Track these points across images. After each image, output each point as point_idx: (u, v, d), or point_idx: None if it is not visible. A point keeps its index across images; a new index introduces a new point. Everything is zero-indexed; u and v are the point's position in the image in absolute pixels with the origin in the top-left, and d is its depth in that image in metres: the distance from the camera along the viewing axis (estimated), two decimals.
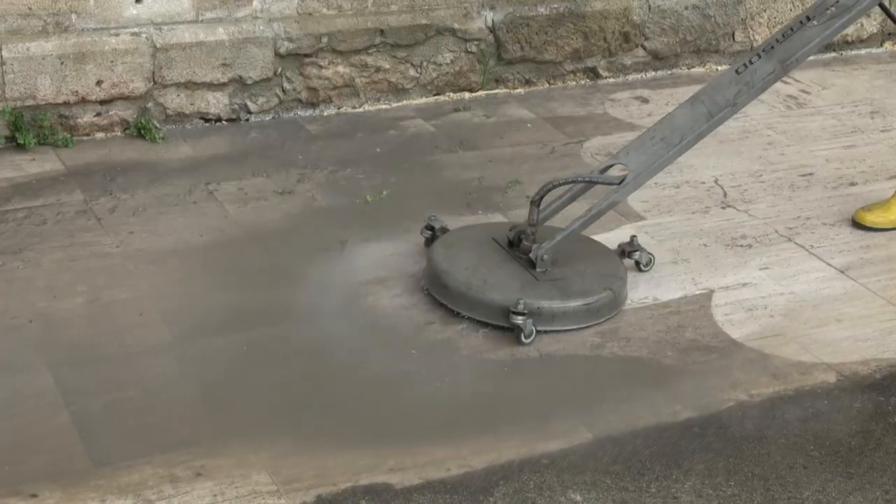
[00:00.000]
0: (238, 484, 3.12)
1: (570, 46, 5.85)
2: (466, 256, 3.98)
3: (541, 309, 3.79)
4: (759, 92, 3.98)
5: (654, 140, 3.99)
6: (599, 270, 3.99)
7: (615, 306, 3.94)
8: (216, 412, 3.39)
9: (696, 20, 6.10)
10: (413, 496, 3.12)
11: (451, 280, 3.89)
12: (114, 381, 3.48)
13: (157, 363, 3.58)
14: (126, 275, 4.03)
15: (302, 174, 4.82)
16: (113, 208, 4.45)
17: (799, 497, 3.19)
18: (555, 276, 3.92)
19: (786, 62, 3.93)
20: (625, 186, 3.96)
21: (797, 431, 3.45)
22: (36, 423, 3.29)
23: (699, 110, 3.98)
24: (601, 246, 4.18)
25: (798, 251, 4.43)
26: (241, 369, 3.57)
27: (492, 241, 4.08)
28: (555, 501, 3.13)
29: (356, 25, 5.37)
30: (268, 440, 3.28)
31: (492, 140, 5.26)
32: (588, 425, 3.43)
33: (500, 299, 3.79)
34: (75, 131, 4.98)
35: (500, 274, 3.91)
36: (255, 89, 5.25)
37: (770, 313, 4.03)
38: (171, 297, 3.91)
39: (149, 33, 5.02)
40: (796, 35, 3.94)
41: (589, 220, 3.98)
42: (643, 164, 3.96)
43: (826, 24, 3.94)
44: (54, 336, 3.68)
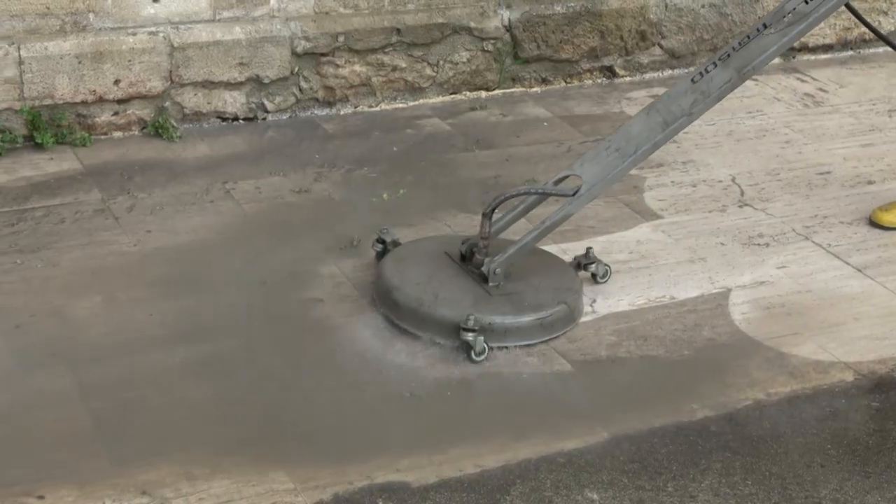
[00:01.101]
0: (255, 482, 3.12)
1: (587, 45, 5.84)
2: (418, 271, 3.88)
3: (492, 324, 3.69)
4: (715, 101, 3.90)
5: (610, 150, 3.90)
6: (554, 284, 3.90)
7: (570, 320, 3.84)
8: (230, 410, 3.40)
9: (713, 18, 6.09)
10: (430, 494, 3.12)
11: (401, 296, 3.78)
12: (130, 379, 3.49)
13: (173, 362, 3.59)
14: (143, 273, 4.04)
15: (319, 173, 4.83)
16: (130, 207, 4.47)
17: (816, 496, 3.18)
18: (508, 290, 3.82)
19: (742, 70, 3.84)
20: (578, 198, 3.86)
21: (815, 430, 3.45)
22: (53, 421, 3.30)
23: (655, 120, 3.90)
24: (556, 259, 4.09)
25: (815, 250, 4.42)
26: (253, 368, 3.58)
27: (444, 254, 3.98)
28: (571, 500, 3.13)
29: (373, 24, 5.37)
30: (283, 438, 3.29)
31: (508, 139, 5.25)
32: (605, 424, 3.43)
33: (451, 315, 3.68)
34: (93, 130, 4.99)
35: (453, 289, 3.81)
36: (272, 88, 5.26)
37: (787, 312, 4.02)
38: (187, 295, 3.92)
39: (166, 32, 5.04)
40: (753, 43, 3.86)
41: (542, 232, 3.88)
42: (597, 176, 3.87)
43: (783, 32, 3.85)
44: (72, 334, 3.69)
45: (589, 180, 3.87)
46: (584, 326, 3.89)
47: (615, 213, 4.61)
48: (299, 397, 3.47)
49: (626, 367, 3.71)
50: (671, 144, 5.19)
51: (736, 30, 6.14)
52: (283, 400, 3.45)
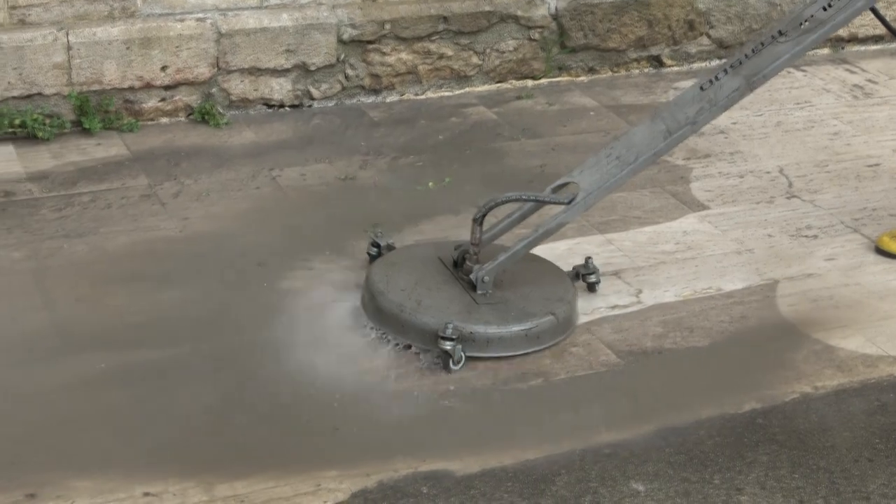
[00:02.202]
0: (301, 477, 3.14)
1: (634, 34, 5.81)
2: (406, 277, 3.77)
3: (473, 334, 3.57)
4: (722, 109, 3.78)
5: (610, 158, 3.79)
6: (545, 294, 3.77)
7: (559, 332, 3.71)
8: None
9: (763, 8, 6.04)
10: (473, 483, 3.12)
11: (384, 301, 3.67)
12: (189, 370, 3.51)
13: (228, 347, 3.60)
14: (189, 259, 4.05)
15: (364, 161, 4.82)
16: (176, 193, 4.48)
17: (864, 490, 3.16)
18: (496, 298, 3.71)
19: (752, 78, 3.73)
20: (574, 206, 3.74)
21: (862, 424, 3.42)
22: (90, 404, 3.32)
23: (658, 128, 3.78)
24: (553, 268, 3.94)
25: (864, 242, 4.38)
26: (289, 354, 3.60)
27: (437, 260, 3.88)
28: (617, 491, 3.12)
29: (419, 12, 5.36)
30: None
31: (554, 128, 5.24)
32: (650, 415, 3.41)
33: (431, 323, 3.57)
34: (140, 116, 5.01)
35: (438, 296, 3.69)
36: (318, 75, 5.26)
37: (835, 305, 3.99)
38: (234, 282, 3.93)
39: (214, 19, 5.05)
40: (766, 50, 3.75)
41: (535, 240, 3.76)
42: (595, 184, 3.75)
43: (797, 40, 3.74)
44: (117, 320, 3.71)
45: (586, 188, 3.76)
46: (630, 317, 3.87)
47: (662, 203, 4.58)
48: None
49: (672, 359, 3.69)
50: (718, 135, 5.16)
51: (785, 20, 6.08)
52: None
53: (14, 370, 3.45)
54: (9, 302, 3.76)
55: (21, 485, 3.02)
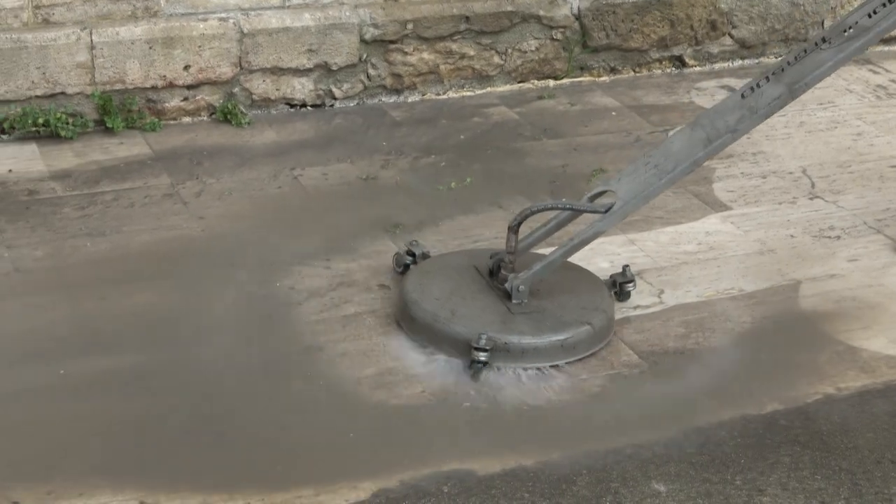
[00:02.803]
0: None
1: (657, 34, 5.80)
2: (440, 286, 3.73)
3: (508, 344, 3.53)
4: (763, 118, 3.69)
5: (648, 167, 3.71)
6: (581, 303, 3.72)
7: (595, 342, 3.65)
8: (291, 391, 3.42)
9: (785, 8, 6.02)
10: (495, 482, 3.12)
11: (418, 311, 3.64)
12: (208, 367, 3.52)
13: (247, 346, 3.61)
14: (212, 258, 4.06)
15: (386, 160, 4.83)
16: (199, 192, 4.49)
17: (887, 492, 3.14)
18: (532, 308, 3.65)
19: (794, 86, 3.62)
20: (611, 215, 3.67)
21: (886, 426, 3.40)
22: (116, 404, 3.34)
23: (698, 136, 3.69)
24: (590, 275, 3.89)
25: (887, 243, 4.36)
26: (305, 351, 3.60)
27: (473, 269, 3.82)
28: (638, 492, 3.11)
29: (441, 12, 5.36)
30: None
31: (576, 128, 5.23)
32: (672, 416, 3.40)
33: (465, 333, 3.53)
34: (162, 115, 5.03)
35: (473, 306, 3.65)
36: (340, 75, 5.27)
37: (858, 305, 3.97)
38: (258, 280, 3.93)
39: (236, 18, 5.06)
40: (808, 58, 3.64)
41: (571, 249, 3.70)
42: (632, 192, 3.68)
43: (840, 47, 3.62)
44: (140, 318, 3.72)
45: (623, 196, 3.69)
46: (652, 318, 3.87)
47: (684, 203, 4.57)
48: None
49: (694, 359, 3.67)
50: (742, 137, 5.13)
51: (808, 20, 6.07)
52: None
53: (25, 368, 3.47)
54: (30, 300, 3.78)
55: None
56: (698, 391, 3.51)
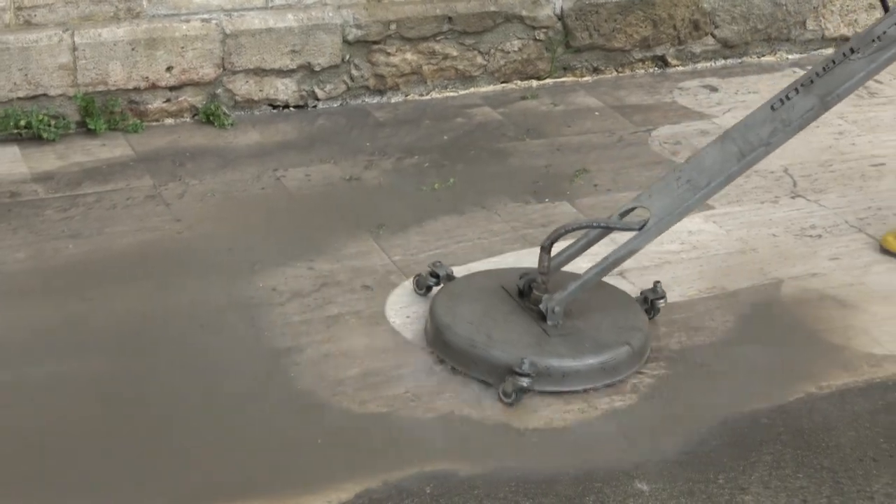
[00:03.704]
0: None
1: (639, 34, 5.81)
2: (471, 308, 3.63)
3: (549, 368, 3.44)
4: (796, 130, 3.62)
5: (680, 182, 3.64)
6: (617, 322, 3.64)
7: (634, 362, 3.58)
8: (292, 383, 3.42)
9: (767, 8, 6.04)
10: (477, 483, 3.12)
11: (452, 336, 3.54)
12: (191, 369, 3.52)
13: (230, 347, 3.61)
14: (194, 260, 4.05)
15: (369, 161, 4.83)
16: (181, 194, 4.49)
17: (868, 490, 3.15)
18: (567, 329, 3.56)
19: (826, 98, 3.57)
20: (646, 232, 3.59)
21: (867, 424, 3.41)
22: (74, 408, 3.33)
23: (730, 150, 3.63)
24: (621, 293, 3.83)
25: (869, 242, 4.37)
26: (293, 351, 3.60)
27: (501, 289, 3.73)
28: (621, 491, 3.12)
29: (424, 12, 5.37)
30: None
31: (559, 128, 5.24)
32: (654, 415, 3.41)
33: (504, 358, 3.44)
34: (145, 117, 5.02)
35: (507, 328, 3.56)
36: (323, 76, 5.27)
37: (840, 304, 3.98)
38: (241, 281, 3.93)
39: (219, 19, 5.05)
40: (838, 68, 3.59)
41: (606, 268, 3.62)
42: (666, 209, 3.60)
43: (871, 57, 3.57)
44: (124, 319, 3.71)
45: (657, 213, 3.61)
46: None
47: None
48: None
49: (677, 358, 3.68)
50: None
51: (790, 20, 6.09)
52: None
53: (8, 371, 3.46)
54: (11, 302, 3.77)
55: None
56: (680, 390, 3.52)
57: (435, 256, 4.12)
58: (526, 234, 4.31)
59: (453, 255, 4.15)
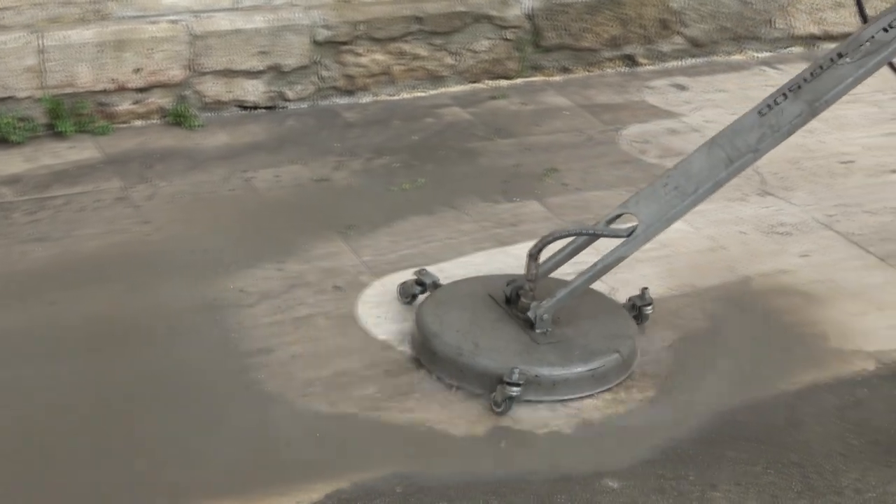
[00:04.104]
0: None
1: (608, 34, 5.82)
2: (459, 316, 3.59)
3: (539, 377, 3.40)
4: (784, 136, 3.58)
5: (668, 188, 3.61)
6: (606, 330, 3.61)
7: (623, 370, 3.55)
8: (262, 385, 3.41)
9: (735, 7, 6.06)
10: (449, 482, 3.11)
11: (440, 344, 3.50)
12: (161, 371, 3.51)
13: (199, 349, 3.60)
14: (163, 262, 4.04)
15: (339, 162, 4.82)
16: (150, 195, 4.47)
17: (837, 485, 3.16)
18: (556, 337, 3.53)
19: (815, 104, 3.54)
20: (634, 239, 3.55)
21: (835, 420, 3.43)
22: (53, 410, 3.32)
23: (717, 155, 3.59)
24: (607, 300, 3.81)
25: (837, 239, 4.39)
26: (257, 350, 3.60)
27: (488, 297, 3.69)
28: (590, 488, 3.12)
29: (393, 13, 5.36)
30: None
31: (529, 128, 5.24)
32: (624, 412, 3.41)
33: (493, 366, 3.41)
34: (113, 119, 5.00)
35: (495, 336, 3.52)
36: (292, 77, 5.26)
37: (809, 301, 4.00)
38: (209, 283, 3.92)
39: (187, 21, 5.04)
40: (826, 73, 3.57)
41: (594, 275, 3.58)
42: (654, 216, 3.57)
43: (860, 63, 3.55)
44: (91, 322, 3.70)
45: (645, 220, 3.58)
46: None
47: None
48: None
49: (646, 356, 3.69)
50: (693, 133, 5.18)
51: (758, 18, 6.11)
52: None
53: None
54: None
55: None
56: (650, 387, 3.53)
57: (405, 257, 4.12)
58: (496, 233, 4.31)
59: (423, 255, 4.15)
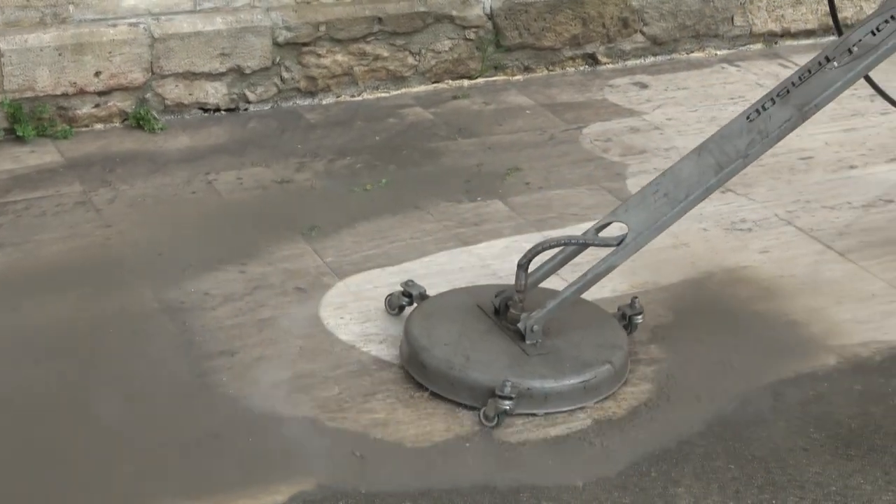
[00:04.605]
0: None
1: (569, 32, 5.84)
2: (447, 329, 3.54)
3: (530, 390, 3.36)
4: (774, 141, 3.57)
5: (657, 195, 3.59)
6: (597, 340, 3.56)
7: (616, 381, 3.51)
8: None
9: (695, 5, 6.09)
10: (412, 483, 3.12)
11: (430, 358, 3.45)
12: (124, 375, 3.49)
13: (162, 352, 3.59)
14: (125, 266, 4.03)
15: (301, 163, 4.82)
16: (112, 199, 4.46)
17: (799, 479, 3.18)
18: (547, 348, 3.49)
19: (804, 108, 3.54)
20: (624, 248, 3.52)
21: (797, 414, 3.45)
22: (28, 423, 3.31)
23: (707, 162, 3.58)
24: (597, 309, 3.76)
25: (798, 234, 4.42)
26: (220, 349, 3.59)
27: (476, 308, 3.65)
28: (556, 487, 3.12)
29: (354, 13, 5.36)
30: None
31: (491, 127, 5.25)
32: (587, 409, 3.42)
33: (485, 380, 3.36)
34: (74, 123, 4.98)
35: (485, 349, 3.47)
36: (253, 79, 5.25)
37: (770, 296, 4.02)
38: (172, 286, 3.91)
39: (147, 24, 5.02)
40: (815, 78, 3.57)
41: (584, 285, 3.54)
42: (644, 223, 3.54)
43: (848, 67, 3.55)
44: (54, 328, 3.68)
45: (636, 228, 3.54)
46: None
47: (598, 199, 4.60)
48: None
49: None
50: (654, 131, 5.20)
51: (718, 16, 6.14)
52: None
53: None
54: None
55: None
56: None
57: (368, 257, 4.13)
58: (459, 233, 4.32)
59: (386, 255, 4.15)
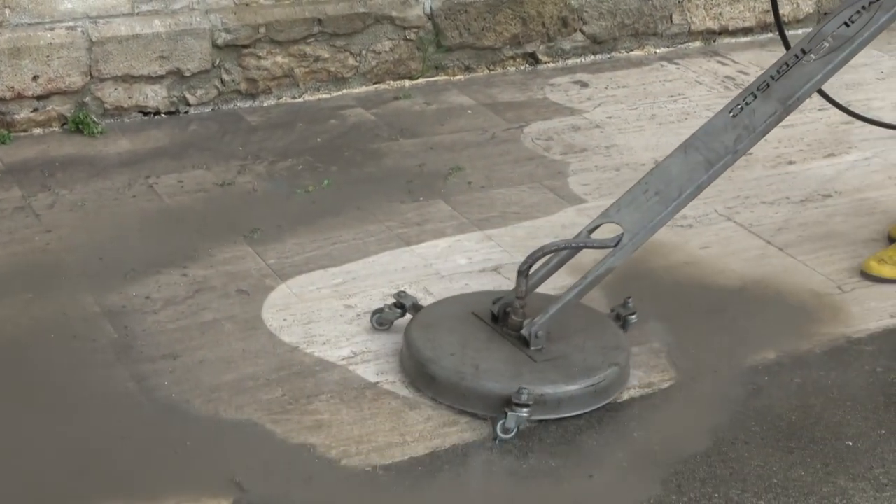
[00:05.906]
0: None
1: (509, 32, 5.86)
2: (449, 339, 3.50)
3: (544, 396, 3.34)
4: (761, 135, 3.59)
5: (649, 194, 3.57)
6: (600, 343, 3.56)
7: (622, 382, 3.51)
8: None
9: (634, 3, 6.13)
10: (361, 485, 3.12)
11: (438, 370, 3.41)
12: (64, 380, 3.47)
13: (103, 357, 3.57)
14: (65, 271, 4.00)
15: (242, 166, 4.80)
16: (51, 204, 4.42)
17: (741, 472, 3.21)
18: (552, 353, 3.47)
19: (787, 101, 3.55)
20: (622, 249, 3.51)
21: (739, 408, 3.48)
22: None
23: (695, 159, 3.58)
24: (592, 311, 3.75)
25: (738, 230, 4.46)
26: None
27: (473, 316, 3.62)
28: None
29: (294, 15, 5.35)
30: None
31: (433, 127, 5.26)
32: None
33: (499, 389, 3.33)
34: (12, 127, 4.94)
35: (492, 357, 3.44)
36: (193, 81, 5.23)
37: (711, 291, 4.05)
38: (113, 291, 3.89)
39: (84, 27, 4.99)
40: (794, 71, 3.57)
41: (584, 288, 3.52)
42: (639, 223, 3.53)
43: (826, 59, 3.57)
44: None
45: (631, 228, 3.53)
46: None
47: (540, 198, 4.62)
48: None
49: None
50: (594, 129, 5.23)
51: (657, 14, 6.18)
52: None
53: None
54: None
55: None
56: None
57: (311, 259, 4.12)
58: (401, 233, 4.32)
59: (329, 256, 4.15)
